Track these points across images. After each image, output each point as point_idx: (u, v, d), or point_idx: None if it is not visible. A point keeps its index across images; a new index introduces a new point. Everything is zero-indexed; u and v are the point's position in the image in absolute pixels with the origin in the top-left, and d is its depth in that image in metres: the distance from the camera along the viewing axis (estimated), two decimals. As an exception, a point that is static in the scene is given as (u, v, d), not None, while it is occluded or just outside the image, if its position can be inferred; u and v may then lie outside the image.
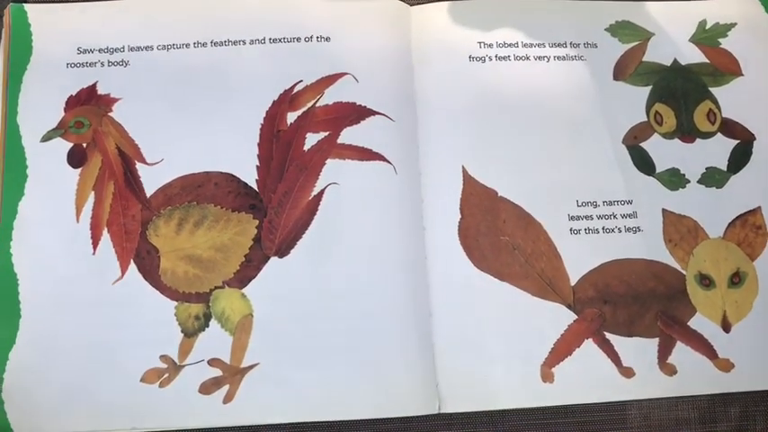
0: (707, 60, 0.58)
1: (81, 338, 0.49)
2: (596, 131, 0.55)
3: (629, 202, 0.54)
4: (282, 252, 0.50)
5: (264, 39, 0.54)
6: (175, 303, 0.50)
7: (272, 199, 0.51)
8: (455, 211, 0.52)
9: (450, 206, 0.52)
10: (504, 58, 0.56)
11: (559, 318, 0.52)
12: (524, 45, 0.56)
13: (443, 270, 0.51)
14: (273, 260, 0.50)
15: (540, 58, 0.56)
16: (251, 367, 0.49)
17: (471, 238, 0.52)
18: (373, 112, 0.52)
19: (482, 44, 0.56)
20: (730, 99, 0.57)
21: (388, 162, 0.52)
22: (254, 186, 0.51)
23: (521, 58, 0.56)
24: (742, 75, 0.57)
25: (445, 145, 0.53)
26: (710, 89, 0.57)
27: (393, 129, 0.52)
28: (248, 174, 0.51)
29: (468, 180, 0.53)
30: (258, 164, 0.51)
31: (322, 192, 0.51)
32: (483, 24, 0.56)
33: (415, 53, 0.55)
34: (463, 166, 0.53)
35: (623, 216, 0.54)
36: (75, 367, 0.48)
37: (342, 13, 0.54)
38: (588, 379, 0.51)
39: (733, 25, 0.58)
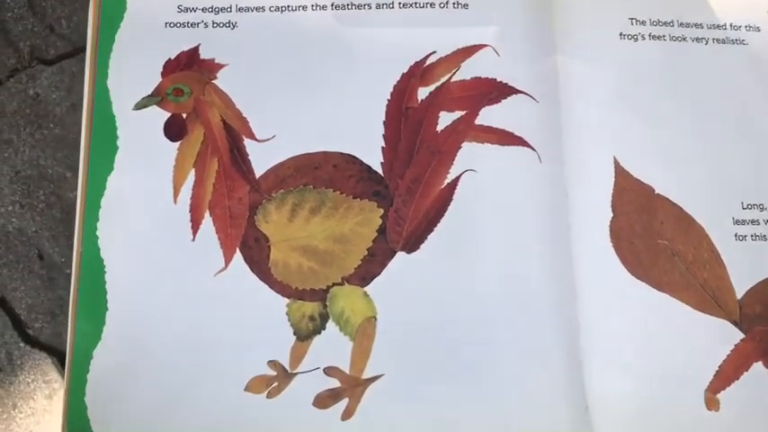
0: None
1: (176, 338, 0.42)
2: (762, 124, 0.48)
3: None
4: (411, 246, 0.43)
5: (393, 3, 0.47)
6: (287, 301, 0.43)
7: (400, 185, 0.44)
8: (606, 209, 0.46)
9: (601, 202, 0.46)
10: (658, 37, 0.49)
11: (724, 336, 0.45)
12: (681, 24, 0.49)
13: (593, 276, 0.44)
14: (400, 255, 0.43)
15: (697, 39, 0.49)
16: (374, 379, 0.42)
17: (625, 241, 0.45)
18: (516, 91, 0.45)
19: (634, 21, 0.49)
20: None
21: (532, 148, 0.45)
22: (379, 170, 0.44)
23: (677, 38, 0.49)
24: None
25: (593, 132, 0.47)
26: None
27: (536, 111, 0.46)
28: (372, 156, 0.44)
29: (620, 173, 0.46)
30: (384, 145, 0.44)
31: (457, 179, 0.44)
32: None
33: (557, 26, 0.48)
34: (614, 157, 0.46)
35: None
36: (168, 371, 0.42)
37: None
38: (760, 409, 0.43)
39: None
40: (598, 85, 0.47)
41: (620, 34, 0.49)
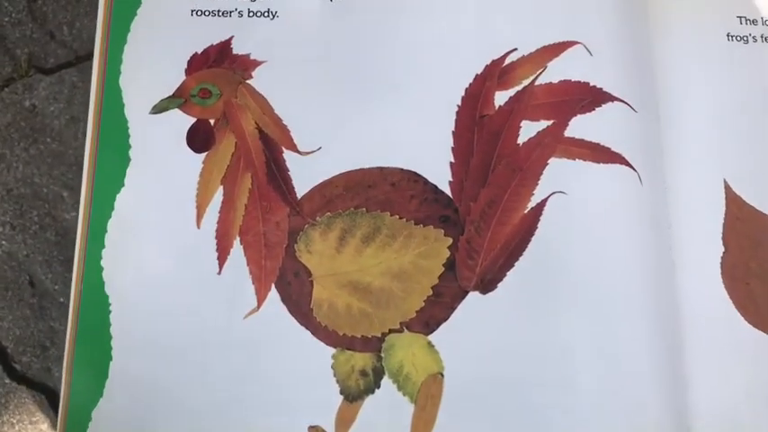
0: None
1: (197, 395, 0.34)
2: None
3: None
4: (486, 286, 0.35)
5: (468, -8, 0.39)
6: (333, 351, 0.35)
7: (473, 209, 0.36)
8: (716, 242, 0.38)
9: (709, 234, 0.38)
10: (774, 38, 0.41)
11: None
12: (799, 22, 0.41)
13: (702, 324, 0.37)
14: (473, 297, 0.35)
15: (820, 40, 0.41)
16: (442, 452, 0.34)
17: (740, 281, 0.37)
18: (612, 98, 0.38)
19: (744, 19, 0.41)
20: None
21: (632, 168, 0.37)
22: (447, 191, 0.36)
23: (798, 39, 0.41)
24: None
25: (699, 150, 0.39)
26: None
27: (635, 123, 0.38)
28: (439, 173, 0.37)
29: (732, 200, 0.38)
30: (453, 160, 0.37)
31: (543, 203, 0.36)
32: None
33: (653, 23, 0.40)
34: (725, 181, 0.38)
35: None
36: (186, 436, 0.34)
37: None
38: None
39: None
40: (703, 94, 0.40)
41: (728, 35, 0.41)
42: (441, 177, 0.37)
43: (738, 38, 0.41)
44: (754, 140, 0.39)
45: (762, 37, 0.41)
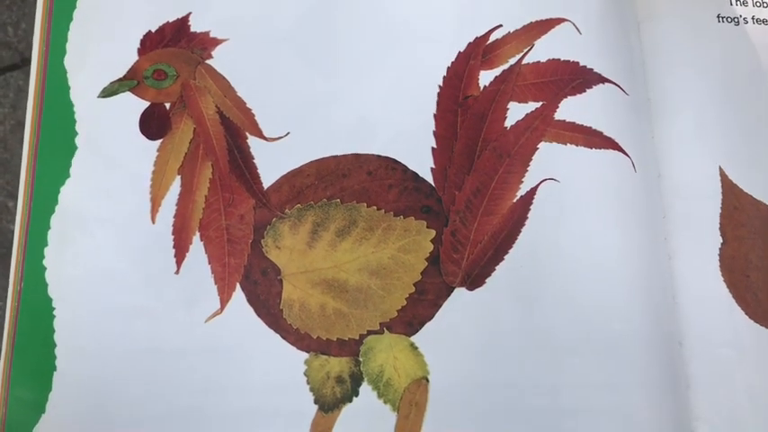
0: None
1: (153, 406, 0.31)
2: None
3: None
4: (473, 281, 0.32)
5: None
6: (306, 356, 0.31)
7: (457, 198, 0.33)
8: (713, 233, 0.35)
9: (706, 225, 0.35)
10: (763, 21, 0.39)
11: None
12: (795, 2, 0.40)
13: (702, 320, 0.34)
14: (459, 293, 0.32)
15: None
16: (428, 465, 0.30)
17: (739, 274, 0.35)
18: (603, 79, 0.35)
19: (734, 0, 0.39)
20: None
21: (626, 154, 0.34)
22: (429, 179, 0.33)
23: (793, 19, 0.39)
24: None
25: (692, 136, 0.37)
26: None
27: (626, 107, 0.35)
28: (420, 160, 0.34)
29: (729, 188, 0.36)
30: (435, 145, 0.34)
31: (534, 190, 0.33)
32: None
33: (641, 3, 0.38)
34: (721, 168, 0.36)
35: None
36: (141, 455, 0.30)
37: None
38: None
39: None
40: (694, 78, 0.37)
41: (719, 17, 0.39)
42: (422, 164, 0.34)
43: (729, 19, 0.39)
44: (748, 126, 0.37)
45: (753, 18, 0.39)
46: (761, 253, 0.36)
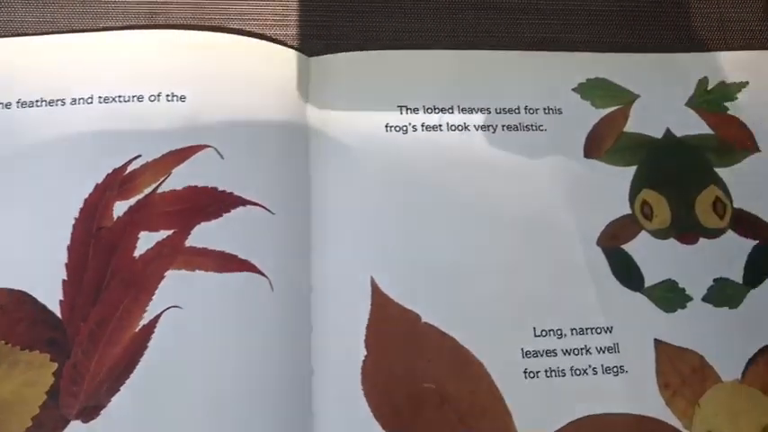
0: (710, 131, 0.43)
1: None
2: (561, 230, 0.39)
3: (608, 330, 0.38)
4: (88, 413, 0.33)
5: (92, 97, 0.38)
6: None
7: (81, 330, 0.34)
8: (358, 345, 0.36)
9: (352, 337, 0.36)
10: (433, 127, 0.40)
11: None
12: (463, 110, 0.41)
13: (339, 435, 0.35)
14: (75, 426, 0.33)
15: (483, 127, 0.41)
16: None
17: (380, 387, 0.36)
18: (245, 202, 0.36)
19: (404, 109, 0.41)
20: (744, 183, 0.41)
21: (262, 274, 0.35)
22: (57, 311, 0.34)
23: (457, 127, 0.41)
24: (758, 150, 0.42)
25: (348, 248, 0.38)
26: (716, 170, 0.42)
27: (273, 225, 0.37)
28: (51, 292, 0.35)
29: (379, 298, 0.37)
30: (66, 277, 0.35)
31: (156, 319, 0.35)
32: (407, 82, 0.41)
33: (312, 120, 0.40)
34: (372, 278, 0.37)
35: (600, 350, 0.38)
36: None
37: (204, 64, 0.39)
38: None
39: (744, 85, 0.44)
40: (358, 190, 0.39)
41: (387, 126, 0.40)
42: (53, 296, 0.35)
43: (397, 128, 0.40)
44: (404, 237, 0.38)
45: (422, 125, 0.40)
46: (404, 364, 0.37)
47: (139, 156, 0.37)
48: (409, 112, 0.40)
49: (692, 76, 0.43)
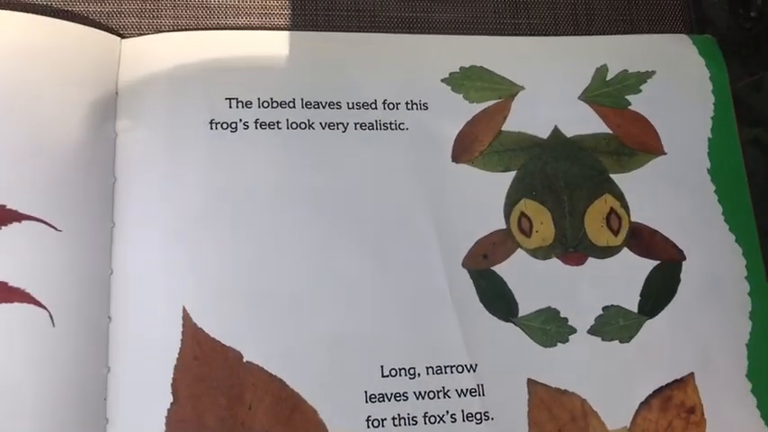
0: (608, 130, 0.36)
1: None
2: (419, 249, 0.33)
3: (472, 368, 0.32)
4: None
5: None
6: None
7: None
8: (164, 391, 0.30)
9: (156, 380, 0.30)
10: (269, 125, 0.34)
11: None
12: (307, 105, 0.34)
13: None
14: None
15: (331, 125, 0.34)
16: None
17: (190, 440, 0.30)
18: (21, 217, 0.30)
19: (235, 102, 0.34)
20: (644, 192, 0.35)
21: (42, 306, 0.29)
22: None
23: (299, 125, 0.34)
24: (663, 153, 0.36)
25: (156, 271, 0.31)
26: (612, 176, 0.35)
27: (57, 244, 0.30)
28: None
29: (192, 332, 0.31)
30: None
31: None
32: (237, 70, 0.34)
33: (121, 115, 0.33)
34: (184, 308, 0.31)
35: (461, 393, 0.32)
36: None
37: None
38: None
39: (650, 75, 0.37)
40: (171, 200, 0.32)
41: (212, 123, 0.33)
42: None
43: (224, 125, 0.34)
44: (225, 259, 0.32)
45: (256, 123, 0.34)
46: (220, 412, 0.30)
47: None
48: (240, 105, 0.34)
49: (587, 64, 0.37)
